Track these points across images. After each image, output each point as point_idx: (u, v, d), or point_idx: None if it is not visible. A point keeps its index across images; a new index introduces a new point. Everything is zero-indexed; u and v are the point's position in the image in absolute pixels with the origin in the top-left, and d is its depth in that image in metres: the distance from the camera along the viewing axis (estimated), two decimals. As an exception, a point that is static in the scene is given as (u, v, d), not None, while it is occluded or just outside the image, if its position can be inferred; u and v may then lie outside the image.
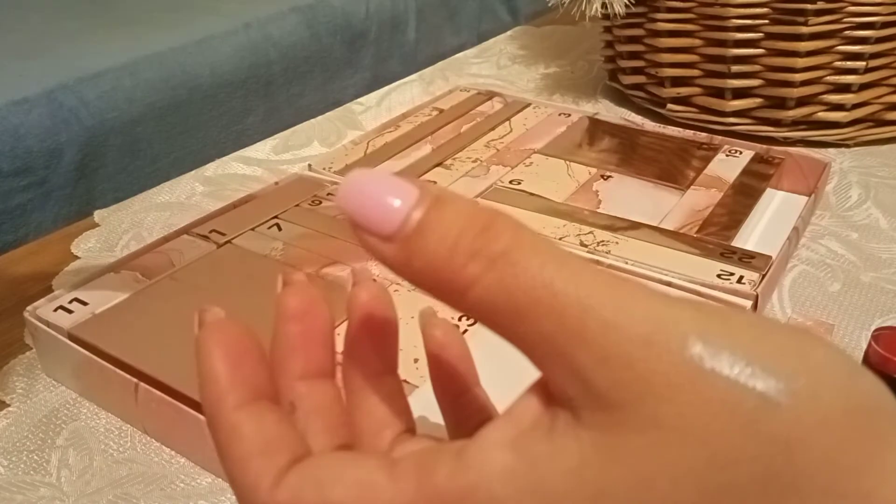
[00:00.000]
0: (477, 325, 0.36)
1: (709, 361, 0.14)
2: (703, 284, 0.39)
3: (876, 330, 0.31)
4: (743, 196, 0.48)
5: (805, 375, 0.14)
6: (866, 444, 0.14)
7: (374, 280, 0.21)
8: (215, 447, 0.17)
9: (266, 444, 0.17)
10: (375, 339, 0.20)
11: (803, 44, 0.55)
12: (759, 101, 0.59)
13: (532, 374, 0.16)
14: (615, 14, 0.59)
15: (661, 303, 0.15)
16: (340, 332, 0.20)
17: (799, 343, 0.15)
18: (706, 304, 0.15)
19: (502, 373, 0.23)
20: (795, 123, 0.59)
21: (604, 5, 0.58)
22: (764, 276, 0.39)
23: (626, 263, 0.41)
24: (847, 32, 0.54)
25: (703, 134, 0.55)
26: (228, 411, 0.17)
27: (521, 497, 0.15)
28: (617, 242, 0.43)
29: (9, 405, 0.37)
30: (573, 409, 0.15)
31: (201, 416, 0.32)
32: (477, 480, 0.15)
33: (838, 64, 0.56)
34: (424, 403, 0.24)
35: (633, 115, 0.65)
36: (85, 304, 0.39)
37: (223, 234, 0.45)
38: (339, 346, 0.20)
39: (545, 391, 0.16)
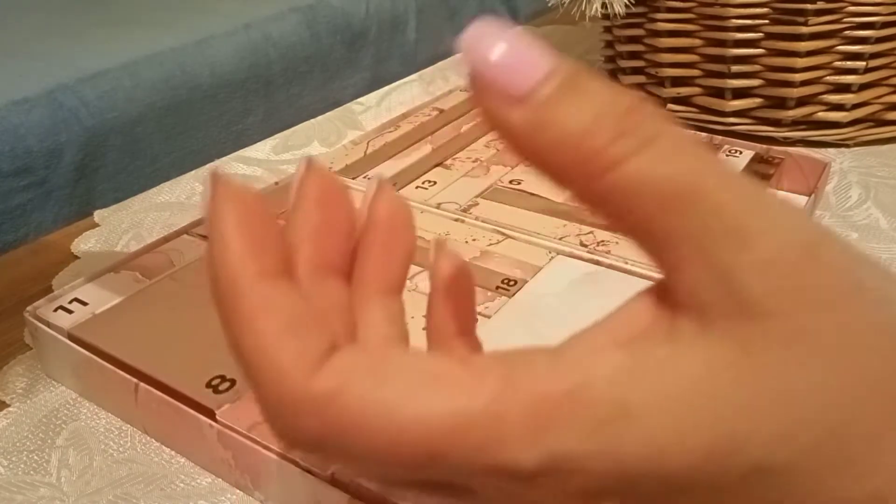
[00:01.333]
0: (477, 325, 0.36)
1: (868, 281, 0.13)
2: (703, 284, 0.39)
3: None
4: (743, 196, 0.48)
5: None
6: None
7: (394, 190, 0.19)
8: (226, 332, 0.14)
9: (299, 320, 0.13)
10: (384, 257, 0.18)
11: (803, 44, 0.55)
12: (759, 101, 0.59)
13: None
14: (615, 14, 0.59)
15: (813, 222, 0.14)
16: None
17: None
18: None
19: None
20: (795, 123, 0.59)
21: (604, 5, 0.58)
22: (764, 276, 0.39)
23: (626, 263, 0.41)
24: (847, 32, 0.54)
25: (703, 134, 0.55)
26: (251, 280, 0.13)
27: (644, 401, 0.13)
28: (617, 242, 0.43)
29: (9, 405, 0.37)
30: (705, 316, 0.14)
31: (201, 417, 0.32)
32: (585, 380, 0.13)
33: (838, 64, 0.56)
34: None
35: (633, 115, 0.65)
36: (85, 304, 0.39)
37: (223, 234, 0.45)
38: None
39: (660, 297, 0.15)
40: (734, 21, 0.55)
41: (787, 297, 0.13)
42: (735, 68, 0.58)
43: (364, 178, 0.51)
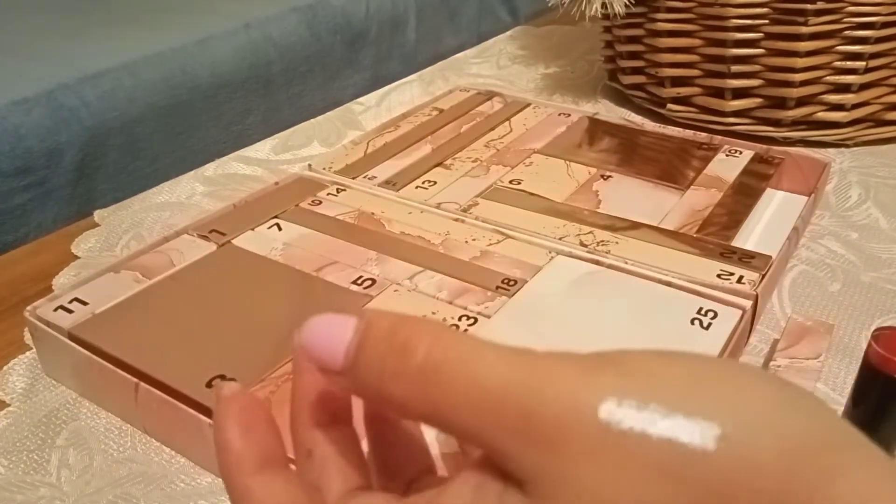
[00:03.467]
0: (477, 325, 0.37)
1: (625, 423, 0.14)
2: (702, 284, 0.39)
3: (876, 330, 0.31)
4: (743, 196, 0.48)
5: (734, 420, 0.14)
6: (808, 479, 0.14)
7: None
8: None
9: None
10: None
11: (803, 44, 0.55)
12: (758, 101, 0.59)
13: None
14: (615, 14, 0.59)
15: (578, 377, 0.15)
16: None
17: (733, 385, 0.15)
18: (631, 364, 0.15)
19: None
20: (795, 123, 0.59)
21: (604, 5, 0.58)
22: (764, 276, 0.39)
23: (626, 263, 0.41)
24: (847, 32, 0.54)
25: (703, 134, 0.55)
26: (240, 477, 0.19)
27: None
28: (617, 242, 0.43)
29: (9, 405, 0.37)
30: (518, 483, 0.16)
31: (201, 416, 0.32)
32: None
33: (838, 64, 0.56)
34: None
35: (633, 115, 0.65)
36: (85, 303, 0.39)
37: (223, 234, 0.45)
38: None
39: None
40: (734, 21, 0.56)
41: (552, 464, 0.15)
42: (735, 68, 0.58)
43: (364, 178, 0.51)
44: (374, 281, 0.40)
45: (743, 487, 0.14)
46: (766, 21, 0.55)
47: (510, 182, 0.50)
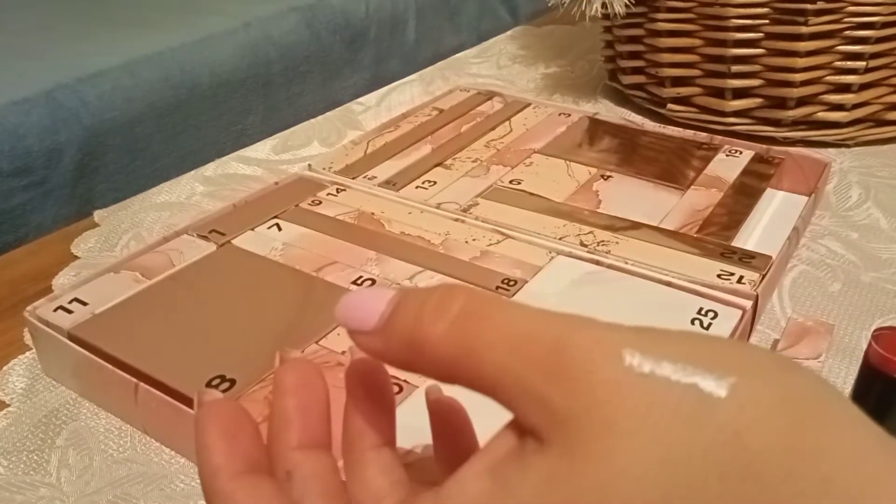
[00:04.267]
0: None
1: (647, 367, 0.15)
2: (703, 284, 0.39)
3: (876, 330, 0.31)
4: (743, 196, 0.48)
5: (740, 372, 0.15)
6: (819, 428, 0.14)
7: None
8: None
9: None
10: (371, 413, 0.21)
11: (803, 44, 0.55)
12: (759, 101, 0.59)
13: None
14: (615, 14, 0.59)
15: (603, 327, 0.16)
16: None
17: (734, 348, 0.16)
18: (647, 325, 0.17)
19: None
20: (795, 123, 0.59)
21: (604, 5, 0.58)
22: (764, 276, 0.39)
23: (626, 263, 0.41)
24: (847, 32, 0.54)
25: (704, 134, 0.55)
26: (224, 481, 0.18)
27: None
28: (617, 242, 0.43)
29: (9, 405, 0.37)
30: (538, 433, 0.16)
31: (201, 417, 0.32)
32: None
33: (838, 64, 0.56)
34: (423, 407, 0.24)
35: (633, 115, 0.65)
36: (85, 304, 0.39)
37: (223, 234, 0.45)
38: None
39: (517, 427, 0.17)
40: (734, 21, 0.55)
41: (579, 400, 0.15)
42: (735, 68, 0.58)
43: (364, 178, 0.51)
44: (373, 281, 0.40)
45: (755, 427, 0.14)
46: (767, 21, 0.55)
47: (510, 182, 0.50)
